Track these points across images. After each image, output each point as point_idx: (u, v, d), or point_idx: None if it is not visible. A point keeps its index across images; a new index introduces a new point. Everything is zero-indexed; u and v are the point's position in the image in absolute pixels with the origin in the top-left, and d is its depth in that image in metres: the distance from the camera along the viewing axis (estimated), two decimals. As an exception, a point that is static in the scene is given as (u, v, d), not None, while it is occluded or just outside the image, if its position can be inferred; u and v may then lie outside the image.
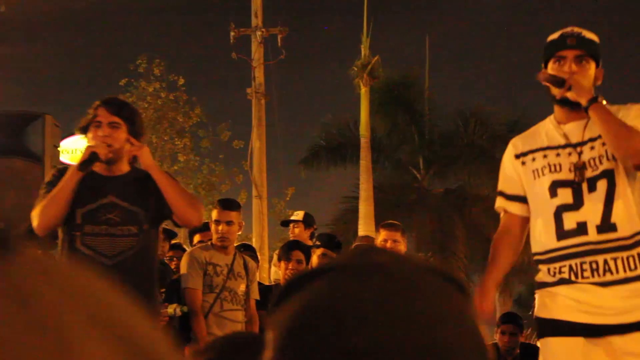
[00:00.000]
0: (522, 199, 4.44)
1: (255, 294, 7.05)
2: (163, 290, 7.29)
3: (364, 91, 22.67)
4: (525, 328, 9.17)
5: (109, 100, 5.10)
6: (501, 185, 4.56)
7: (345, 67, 23.49)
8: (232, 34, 21.67)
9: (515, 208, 4.48)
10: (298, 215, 9.29)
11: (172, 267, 8.06)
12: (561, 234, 4.20)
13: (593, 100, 4.09)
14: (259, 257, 16.26)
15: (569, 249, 4.17)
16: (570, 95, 4.15)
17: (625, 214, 4.08)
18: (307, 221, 9.17)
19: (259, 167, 21.20)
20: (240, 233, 7.41)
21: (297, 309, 1.00)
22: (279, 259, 7.70)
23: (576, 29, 4.27)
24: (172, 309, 6.71)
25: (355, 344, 0.94)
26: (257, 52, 21.71)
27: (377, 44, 24.14)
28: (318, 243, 8.18)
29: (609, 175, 4.13)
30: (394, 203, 24.34)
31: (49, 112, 7.02)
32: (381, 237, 7.64)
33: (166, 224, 8.00)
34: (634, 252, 4.05)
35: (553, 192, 4.24)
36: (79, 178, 4.86)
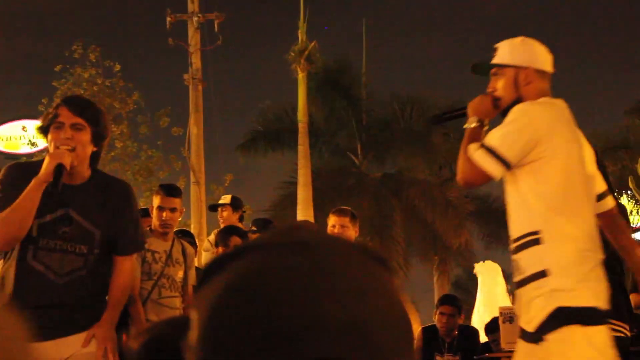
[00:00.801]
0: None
1: (193, 280, 7.01)
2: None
3: (301, 77, 22.68)
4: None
5: (72, 100, 4.74)
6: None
7: (282, 53, 23.48)
8: (168, 19, 21.55)
9: None
10: (225, 199, 9.30)
11: None
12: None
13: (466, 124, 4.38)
14: (198, 243, 16.21)
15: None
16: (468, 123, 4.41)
17: (513, 223, 4.18)
18: (235, 204, 9.17)
19: (197, 154, 21.12)
20: (179, 219, 7.36)
21: (219, 288, 1.00)
22: (216, 245, 7.67)
23: (496, 46, 4.42)
24: (110, 295, 6.67)
25: (277, 321, 0.95)
26: (193, 38, 21.61)
27: (314, 29, 24.15)
28: (254, 228, 8.19)
29: (506, 182, 4.23)
30: (332, 188, 24.40)
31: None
32: (330, 223, 7.65)
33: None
34: (515, 257, 4.12)
35: None
36: (40, 193, 4.45)
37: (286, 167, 26.00)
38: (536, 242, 4.04)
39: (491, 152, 4.10)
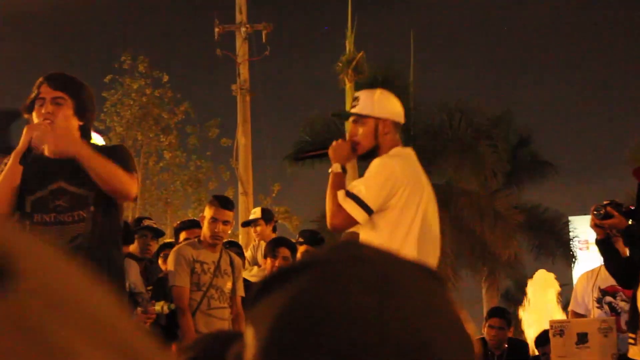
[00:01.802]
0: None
1: (241, 291, 7.01)
2: (150, 287, 7.26)
3: (348, 87, 22.64)
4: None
5: (52, 76, 4.73)
6: None
7: (330, 63, 23.47)
8: (216, 30, 21.65)
9: None
10: (255, 213, 9.30)
11: (165, 266, 7.98)
12: None
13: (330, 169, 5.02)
14: (246, 253, 16.24)
15: None
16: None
17: None
18: (266, 217, 9.18)
19: (245, 164, 21.18)
20: (229, 231, 7.38)
21: (279, 305, 0.98)
22: (265, 256, 7.67)
23: (356, 94, 5.19)
24: (160, 306, 6.67)
25: (342, 340, 0.93)
26: (241, 49, 21.68)
27: (362, 39, 24.13)
28: (301, 240, 8.17)
29: (364, 227, 4.81)
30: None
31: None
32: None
33: (153, 223, 7.95)
34: None
35: None
36: (19, 169, 4.54)
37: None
38: None
39: (358, 200, 4.73)
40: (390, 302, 0.96)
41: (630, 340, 5.77)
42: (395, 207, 4.76)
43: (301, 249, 7.81)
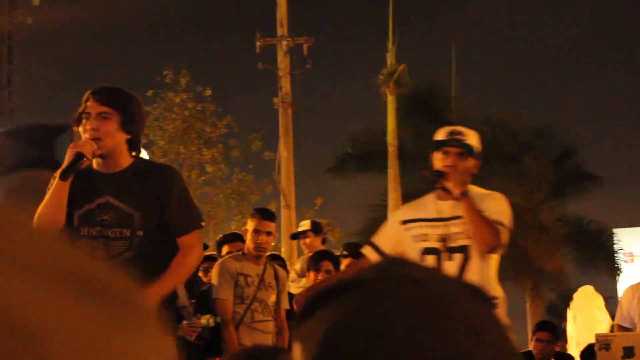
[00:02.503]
0: (383, 254, 5.45)
1: (286, 304, 7.00)
2: (193, 300, 7.26)
3: (390, 99, 22.62)
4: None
5: (98, 90, 4.68)
6: (375, 238, 5.71)
7: (371, 76, 23.46)
8: (257, 43, 21.70)
9: (375, 258, 5.45)
10: (305, 225, 9.29)
11: (207, 279, 7.98)
12: None
13: (463, 194, 5.29)
14: (289, 266, 16.23)
15: None
16: (447, 185, 5.37)
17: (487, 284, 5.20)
18: (315, 229, 9.16)
19: (287, 177, 21.20)
20: (272, 243, 7.38)
21: (328, 324, 0.97)
22: (308, 269, 7.66)
23: (460, 130, 5.77)
24: (206, 319, 6.66)
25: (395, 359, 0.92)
26: (283, 62, 21.74)
27: (403, 51, 24.08)
28: (345, 253, 8.15)
29: (464, 249, 5.25)
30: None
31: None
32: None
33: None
34: None
35: (421, 257, 5.30)
36: (65, 186, 4.50)
37: (376, 190, 25.94)
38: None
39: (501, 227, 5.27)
40: (438, 323, 0.94)
41: None
42: None
43: (345, 261, 7.79)
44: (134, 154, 4.73)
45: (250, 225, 6.85)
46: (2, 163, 5.60)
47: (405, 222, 5.56)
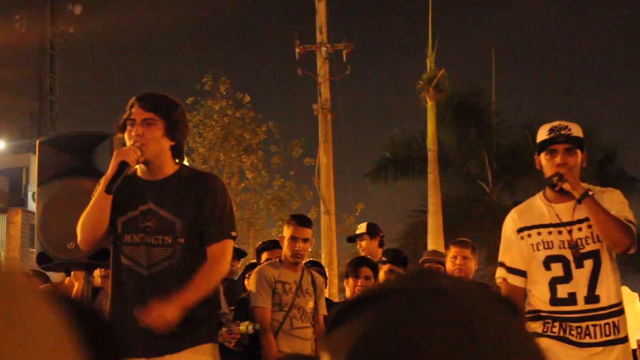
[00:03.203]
0: (522, 273, 5.13)
1: (324, 310, 6.99)
2: (232, 307, 7.29)
3: (430, 105, 22.58)
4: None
5: (143, 96, 4.66)
6: (502, 257, 5.25)
7: (411, 81, 23.44)
8: (297, 50, 21.75)
9: (516, 280, 5.13)
10: (361, 228, 9.23)
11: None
12: (555, 300, 4.96)
13: (585, 195, 4.90)
14: (329, 272, 16.19)
15: (562, 314, 4.94)
16: (566, 187, 4.94)
17: (607, 288, 4.92)
18: (372, 231, 9.09)
19: (327, 183, 21.21)
20: (310, 250, 7.37)
21: (358, 333, 0.98)
22: (347, 276, 7.65)
23: (564, 124, 5.08)
24: (245, 326, 6.68)
25: None
26: (322, 68, 21.77)
27: (443, 56, 24.07)
28: (384, 259, 8.13)
29: (595, 254, 4.92)
30: (463, 216, 24.18)
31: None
32: (451, 254, 7.58)
33: (235, 243, 7.98)
34: (610, 320, 4.88)
35: (547, 265, 4.99)
36: (110, 197, 4.52)
37: (416, 196, 25.92)
38: (622, 312, 4.94)
39: (631, 225, 4.90)
40: (470, 336, 0.95)
41: None
42: None
43: (384, 268, 7.78)
44: (177, 161, 4.72)
45: (286, 232, 6.85)
46: (43, 172, 5.65)
47: (520, 230, 5.18)
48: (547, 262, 4.98)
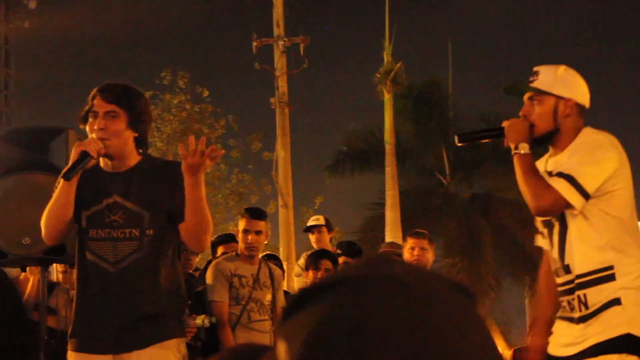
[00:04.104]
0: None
1: (282, 302, 7.01)
2: (190, 302, 7.28)
3: (387, 98, 22.65)
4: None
5: (105, 87, 4.54)
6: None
7: (368, 74, 23.49)
8: (254, 44, 21.70)
9: (543, 243, 4.50)
10: (319, 219, 9.28)
11: None
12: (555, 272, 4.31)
13: (517, 148, 4.23)
14: (287, 266, 16.18)
15: (558, 287, 4.26)
16: (506, 143, 4.32)
17: (575, 256, 4.11)
18: (329, 225, 9.18)
19: (285, 177, 21.21)
20: (266, 242, 7.37)
21: (313, 321, 0.98)
22: (306, 268, 7.67)
23: (536, 69, 4.32)
24: (201, 320, 6.67)
25: (375, 358, 0.93)
26: (279, 62, 21.75)
27: (400, 50, 24.13)
28: (339, 251, 8.17)
29: (561, 217, 4.19)
30: (421, 209, 24.28)
31: (74, 127, 7.00)
32: (408, 245, 7.63)
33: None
34: (587, 291, 4.05)
35: (543, 232, 4.44)
36: (70, 186, 4.40)
37: (374, 189, 25.98)
38: (612, 277, 4.01)
39: (572, 181, 4.04)
40: (422, 321, 0.96)
41: None
42: (613, 192, 4.08)
43: (339, 260, 7.82)
44: (140, 151, 4.65)
45: (240, 225, 6.90)
46: (-3, 167, 5.60)
47: None
48: (543, 228, 4.45)
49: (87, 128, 4.51)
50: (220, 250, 7.89)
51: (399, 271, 1.01)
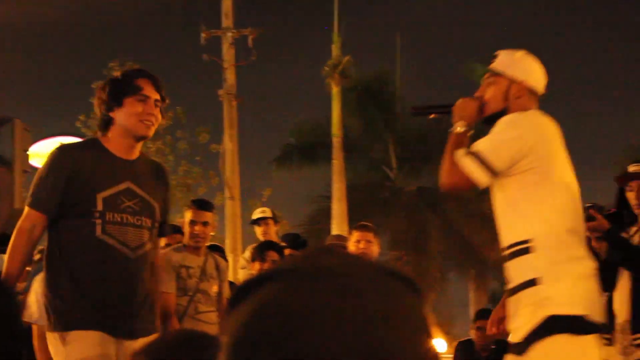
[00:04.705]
0: None
1: (228, 294, 7.00)
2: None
3: (335, 91, 22.67)
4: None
5: (151, 75, 4.68)
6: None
7: (317, 67, 23.50)
8: (202, 35, 21.60)
9: None
10: (266, 212, 9.31)
11: None
12: None
13: (453, 128, 4.42)
14: (233, 258, 16.14)
15: None
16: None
17: (501, 229, 4.22)
18: (275, 218, 9.23)
19: (232, 169, 21.16)
20: (213, 234, 7.37)
21: (247, 314, 1.01)
22: (253, 260, 7.67)
23: (497, 53, 4.43)
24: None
25: (304, 349, 0.96)
26: (227, 54, 21.66)
27: (349, 43, 24.13)
28: (284, 244, 8.19)
29: (495, 190, 4.27)
30: (368, 202, 24.34)
31: (20, 117, 6.93)
32: (354, 238, 7.66)
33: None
34: (508, 264, 4.15)
35: None
36: None
37: (321, 182, 25.99)
38: (526, 250, 4.05)
39: (479, 159, 4.14)
40: (350, 311, 0.98)
41: (605, 342, 5.81)
42: (530, 170, 4.12)
43: (285, 252, 7.83)
44: None
45: (186, 216, 6.89)
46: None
47: None
48: None
49: (125, 105, 4.56)
50: (162, 241, 7.83)
51: (335, 263, 1.04)
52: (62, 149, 4.66)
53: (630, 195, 5.81)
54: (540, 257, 4.02)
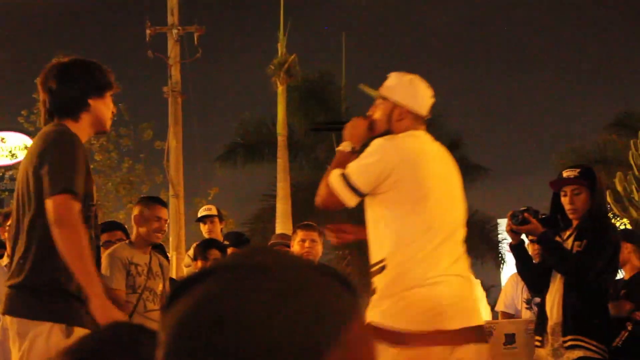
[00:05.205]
0: None
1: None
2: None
3: (280, 90, 22.69)
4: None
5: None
6: None
7: (262, 66, 23.48)
8: (148, 32, 21.46)
9: None
10: (212, 209, 9.30)
11: None
12: None
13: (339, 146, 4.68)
14: (176, 256, 16.11)
15: None
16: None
17: (370, 245, 4.47)
18: (220, 216, 9.22)
19: (176, 166, 21.06)
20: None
21: (181, 312, 1.03)
22: (195, 258, 7.64)
23: (389, 75, 4.69)
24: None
25: (235, 346, 0.98)
26: (173, 51, 21.56)
27: (294, 42, 24.17)
28: (227, 242, 8.18)
29: (366, 209, 4.54)
30: (312, 201, 24.29)
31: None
32: (298, 237, 7.66)
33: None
34: (373, 280, 4.32)
35: None
36: None
37: (266, 181, 25.99)
38: (382, 269, 4.28)
39: (346, 180, 4.41)
40: (282, 309, 1.01)
41: (537, 343, 5.91)
42: (391, 191, 4.35)
43: (228, 251, 7.83)
44: None
45: (148, 212, 6.72)
46: None
47: None
48: None
49: (103, 99, 4.58)
50: (103, 238, 7.76)
51: (268, 261, 1.07)
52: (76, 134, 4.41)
53: (564, 200, 5.90)
54: (387, 275, 4.25)
